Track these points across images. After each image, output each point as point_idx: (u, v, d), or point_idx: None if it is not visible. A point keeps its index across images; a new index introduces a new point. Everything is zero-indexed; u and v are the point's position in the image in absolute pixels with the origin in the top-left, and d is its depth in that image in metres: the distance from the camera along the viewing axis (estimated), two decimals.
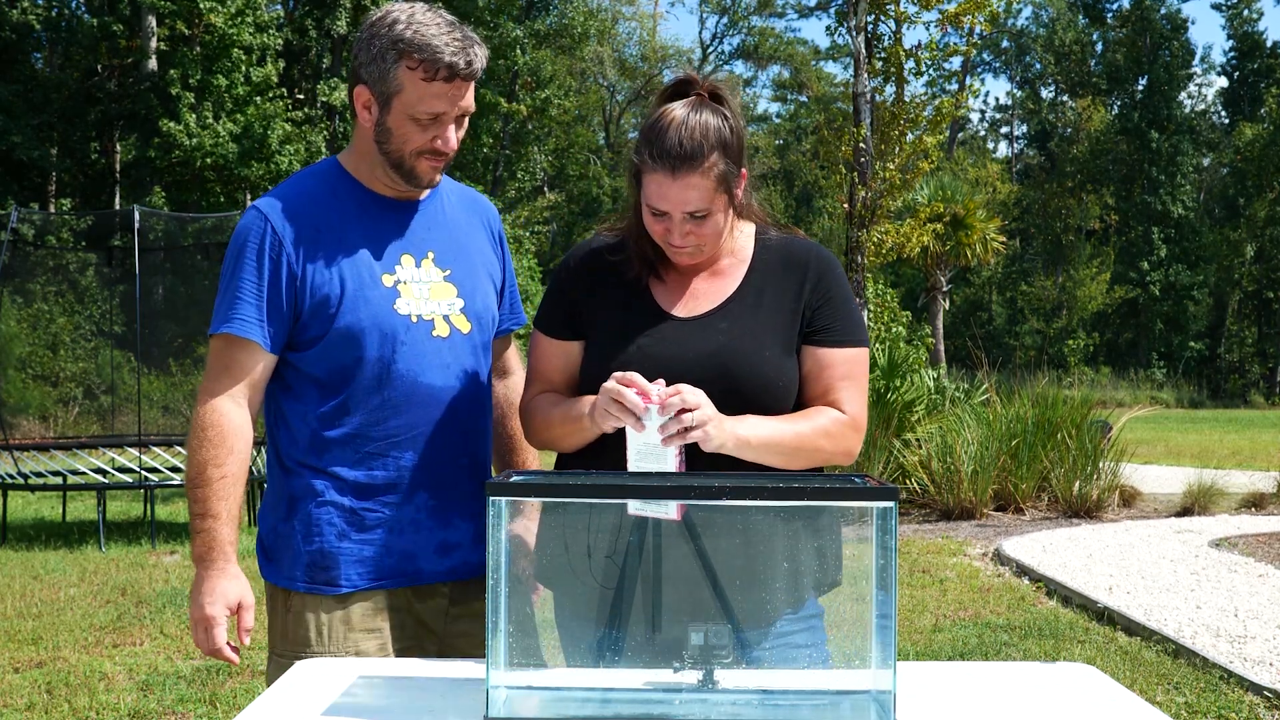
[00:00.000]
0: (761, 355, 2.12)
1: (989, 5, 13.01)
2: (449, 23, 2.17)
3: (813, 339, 2.17)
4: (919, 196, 19.38)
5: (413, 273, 2.27)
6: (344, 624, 2.24)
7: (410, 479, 2.26)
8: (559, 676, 1.80)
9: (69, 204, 25.91)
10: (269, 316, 2.20)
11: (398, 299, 2.24)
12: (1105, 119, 47.56)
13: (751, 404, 2.08)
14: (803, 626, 1.95)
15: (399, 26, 2.14)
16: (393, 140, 2.20)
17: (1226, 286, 45.27)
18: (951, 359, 28.03)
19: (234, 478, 2.20)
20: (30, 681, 5.38)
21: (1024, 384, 11.68)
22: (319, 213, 2.24)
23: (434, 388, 2.26)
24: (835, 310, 2.18)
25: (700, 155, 2.05)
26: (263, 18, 24.63)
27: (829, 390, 2.15)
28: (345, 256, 2.22)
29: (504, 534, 1.69)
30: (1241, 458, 16.70)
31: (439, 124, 2.18)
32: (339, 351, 2.22)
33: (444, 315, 2.28)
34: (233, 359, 2.21)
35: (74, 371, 21.56)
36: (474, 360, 2.33)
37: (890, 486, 1.67)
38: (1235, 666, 5.30)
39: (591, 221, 40.00)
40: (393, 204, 2.29)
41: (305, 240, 2.21)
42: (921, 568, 8.02)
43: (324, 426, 2.24)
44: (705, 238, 2.12)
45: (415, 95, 2.15)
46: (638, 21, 46.72)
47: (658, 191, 2.08)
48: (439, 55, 2.12)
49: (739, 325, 2.14)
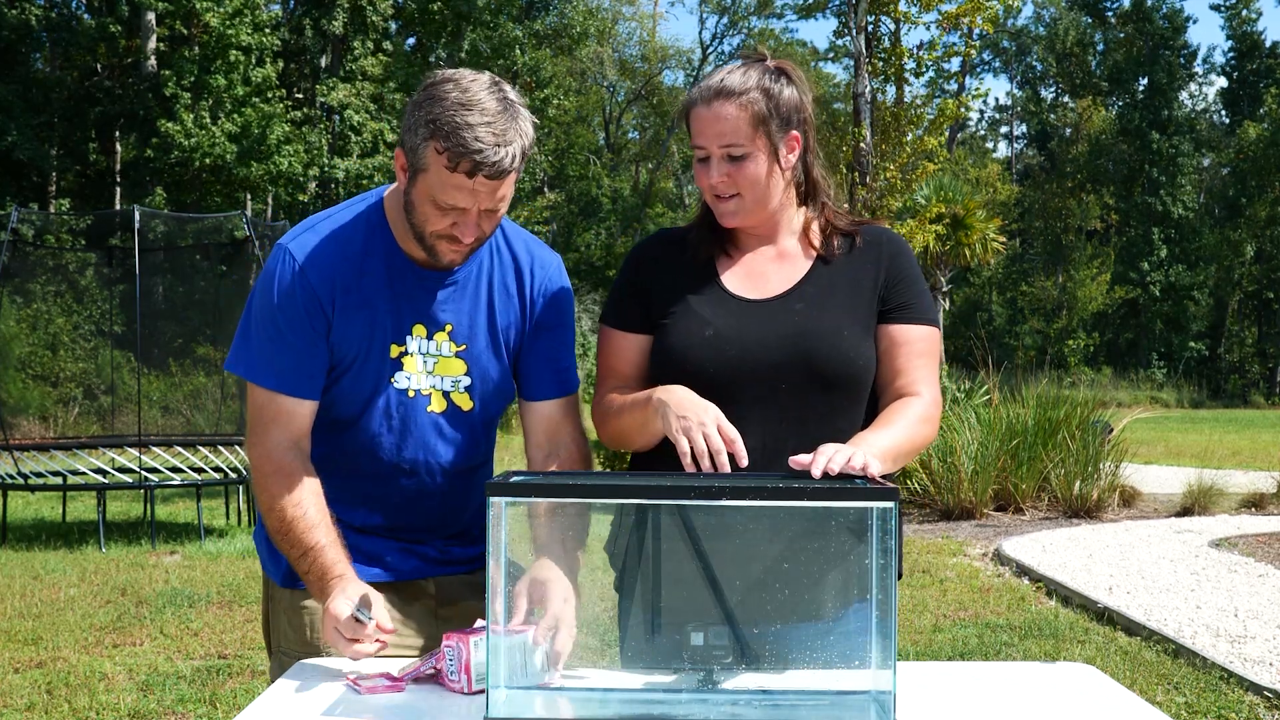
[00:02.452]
0: (840, 335, 2.10)
1: (989, 6, 13.01)
2: (498, 109, 1.99)
3: (889, 317, 2.15)
4: (919, 197, 19.37)
5: (422, 344, 2.19)
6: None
7: (380, 533, 2.26)
8: (559, 677, 1.79)
9: (69, 204, 25.91)
10: (312, 369, 2.16)
11: (399, 371, 2.18)
12: (1105, 119, 47.57)
13: (833, 385, 2.06)
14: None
15: (442, 103, 1.98)
16: (415, 215, 2.09)
17: (1227, 287, 45.29)
18: (952, 359, 28.03)
19: (311, 510, 2.12)
20: (30, 681, 5.37)
21: (1024, 384, 11.67)
22: (349, 271, 2.16)
23: (415, 462, 2.22)
24: (910, 288, 2.17)
25: (738, 90, 2.07)
26: (261, 18, 24.63)
27: (905, 369, 2.14)
28: (364, 322, 2.16)
29: (504, 534, 1.69)
30: (1242, 458, 16.70)
31: (462, 213, 2.04)
32: (337, 411, 2.20)
33: (444, 391, 2.21)
34: (280, 409, 2.16)
35: (74, 371, 21.56)
36: (466, 437, 2.25)
37: (891, 487, 1.67)
38: (1235, 666, 5.30)
39: (591, 221, 40.01)
40: (421, 272, 2.18)
41: (336, 299, 2.15)
42: (921, 568, 8.02)
43: (316, 453, 2.24)
44: (744, 184, 2.09)
45: (438, 180, 2.01)
46: (638, 21, 46.72)
47: (697, 127, 2.09)
48: (464, 148, 1.96)
49: (815, 307, 2.13)
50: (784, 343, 2.08)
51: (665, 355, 2.13)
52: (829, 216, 2.21)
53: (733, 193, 2.10)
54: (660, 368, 2.14)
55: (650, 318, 2.18)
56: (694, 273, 2.19)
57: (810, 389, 2.04)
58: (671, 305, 2.16)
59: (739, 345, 2.08)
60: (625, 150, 46.55)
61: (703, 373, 2.08)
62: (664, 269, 2.20)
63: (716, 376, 2.07)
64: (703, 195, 2.18)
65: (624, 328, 2.21)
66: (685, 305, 2.15)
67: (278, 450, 2.14)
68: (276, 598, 2.30)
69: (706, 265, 2.19)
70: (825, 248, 2.19)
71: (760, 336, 2.09)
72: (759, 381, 2.08)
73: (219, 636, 6.23)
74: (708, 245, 2.20)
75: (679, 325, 2.13)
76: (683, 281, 2.18)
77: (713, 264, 2.19)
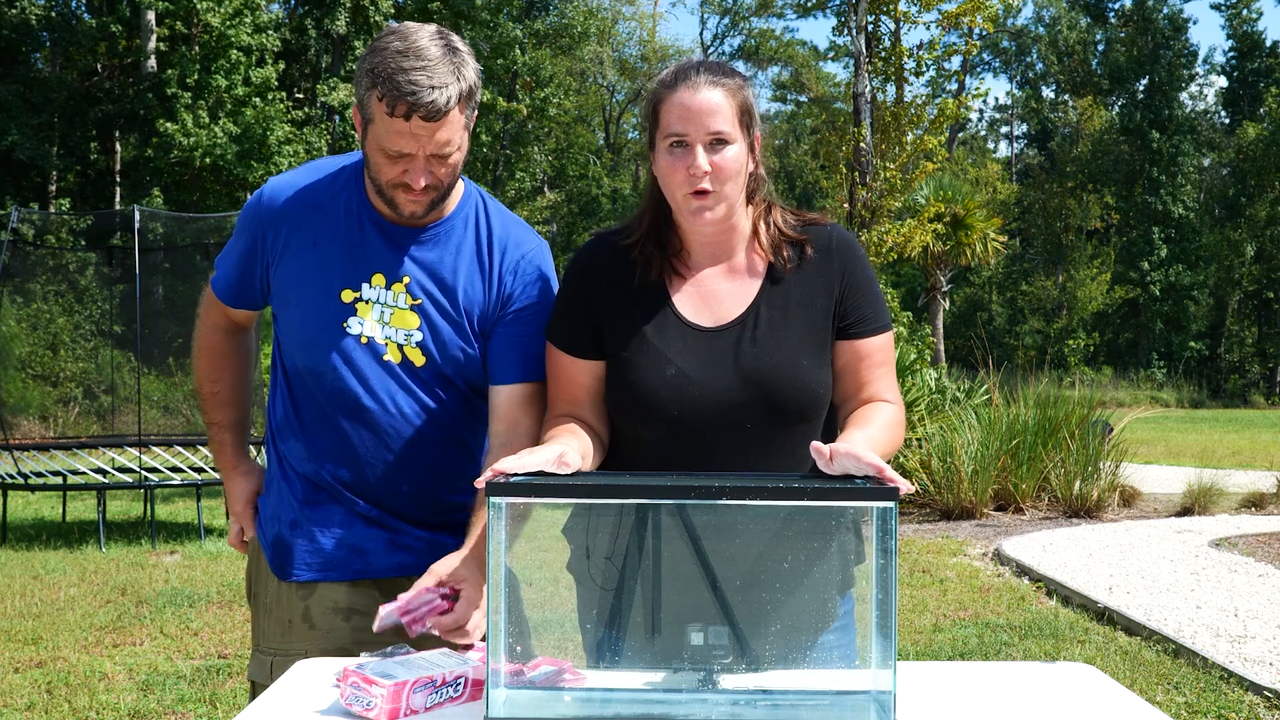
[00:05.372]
0: (799, 366, 2.07)
1: (989, 6, 13.02)
2: (439, 55, 2.03)
3: (848, 332, 2.12)
4: (919, 197, 19.38)
5: (380, 293, 2.21)
6: (304, 620, 2.25)
7: (349, 492, 2.26)
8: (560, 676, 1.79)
9: (69, 204, 25.92)
10: (244, 279, 2.32)
11: (351, 317, 2.20)
12: (1106, 119, 47.58)
13: (793, 415, 2.05)
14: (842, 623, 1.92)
15: (383, 53, 2.04)
16: (371, 167, 2.14)
17: (1227, 286, 45.29)
18: (952, 359, 28.05)
19: (225, 389, 2.47)
20: (30, 681, 5.38)
21: (1024, 384, 11.66)
22: (308, 209, 2.23)
23: (372, 411, 2.22)
24: (864, 297, 2.13)
25: (724, 77, 2.04)
26: (261, 18, 24.64)
27: (869, 380, 2.12)
28: (312, 262, 2.22)
29: (504, 534, 1.69)
30: (1242, 458, 16.71)
31: (409, 160, 2.08)
32: (291, 355, 2.28)
33: (399, 344, 2.22)
34: (214, 300, 2.41)
35: (74, 371, 21.57)
36: (424, 393, 2.25)
37: (891, 487, 1.67)
38: (1235, 666, 5.30)
39: (591, 221, 40.01)
40: (390, 226, 2.22)
41: (283, 231, 2.24)
42: (921, 568, 8.02)
43: (285, 412, 2.31)
44: (726, 174, 2.02)
45: (383, 128, 2.05)
46: (638, 21, 46.75)
47: (677, 113, 2.01)
48: (398, 90, 2.01)
49: (770, 337, 2.09)
50: (745, 382, 2.05)
51: (628, 394, 2.09)
52: (776, 219, 2.15)
53: (713, 186, 2.03)
54: (621, 404, 2.11)
55: (601, 343, 2.13)
56: (644, 294, 2.12)
57: (772, 422, 2.03)
58: (626, 335, 2.10)
59: (700, 385, 2.06)
60: (625, 150, 46.56)
61: (666, 413, 2.06)
62: (612, 289, 2.13)
63: (681, 418, 2.06)
64: (659, 193, 2.09)
65: (573, 352, 2.14)
66: (641, 336, 2.09)
67: (209, 330, 2.44)
68: (268, 587, 2.32)
69: (657, 286, 2.13)
70: (776, 259, 2.13)
71: (720, 375, 2.06)
72: (723, 419, 2.06)
73: (219, 636, 6.23)
74: (657, 263, 2.13)
75: (639, 362, 2.08)
76: (634, 306, 2.12)
77: (663, 284, 2.13)
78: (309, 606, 2.25)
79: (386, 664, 1.77)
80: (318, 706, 1.78)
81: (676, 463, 2.07)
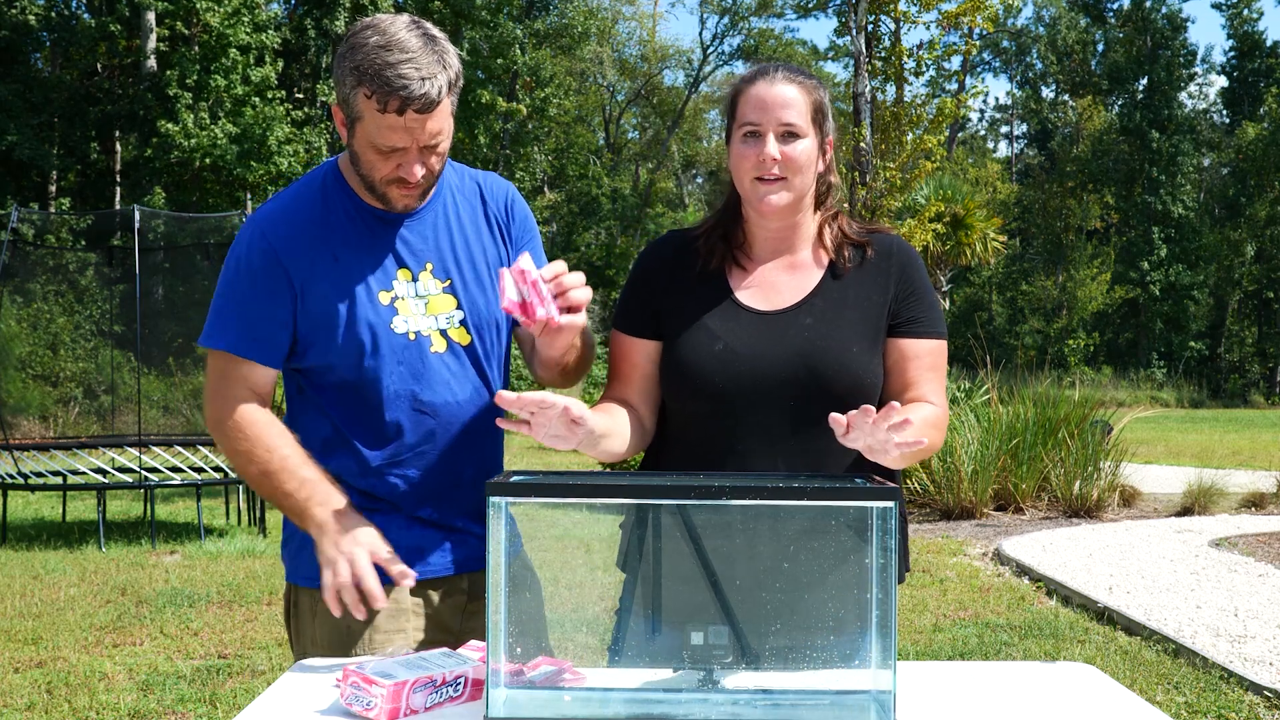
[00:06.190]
0: (849, 351, 2.10)
1: (989, 5, 13.02)
2: (420, 45, 2.02)
3: (899, 331, 2.15)
4: (919, 197, 19.37)
5: (409, 287, 2.20)
6: (368, 625, 2.18)
7: (413, 495, 2.22)
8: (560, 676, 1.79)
9: (69, 204, 25.93)
10: (270, 332, 2.16)
11: (395, 317, 2.18)
12: (1106, 119, 47.58)
13: (839, 402, 2.04)
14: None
15: (363, 50, 2.01)
16: (361, 165, 2.12)
17: (1226, 286, 45.30)
18: (952, 359, 28.02)
19: (291, 452, 2.13)
20: (30, 681, 5.38)
21: (1024, 384, 11.66)
22: (312, 229, 2.18)
23: (433, 405, 2.20)
24: (920, 302, 2.17)
25: (806, 76, 2.13)
26: (260, 17, 24.64)
27: (915, 382, 2.14)
28: (340, 276, 2.16)
29: (504, 534, 1.69)
30: (1242, 457, 16.71)
31: (402, 154, 2.07)
32: (341, 371, 2.18)
33: (441, 330, 2.21)
34: (235, 373, 2.17)
35: (74, 371, 21.58)
36: (475, 372, 2.25)
37: (891, 487, 1.67)
38: (1235, 666, 5.30)
39: (591, 221, 40.02)
40: (387, 217, 2.21)
41: (300, 258, 2.16)
42: (921, 568, 8.02)
43: (328, 446, 2.20)
44: (795, 165, 2.09)
45: (374, 125, 2.04)
46: (638, 21, 46.73)
47: (754, 103, 2.10)
48: (389, 86, 1.99)
49: (824, 322, 2.12)
50: (793, 358, 2.08)
51: (675, 368, 2.14)
52: (842, 224, 2.21)
53: (781, 174, 2.09)
54: (670, 380, 2.15)
55: (659, 324, 2.18)
56: (704, 281, 2.18)
57: (818, 404, 2.03)
58: (681, 315, 2.16)
59: (748, 360, 2.09)
60: (625, 150, 46.55)
61: (711, 386, 2.10)
62: (674, 276, 2.20)
63: (725, 390, 2.09)
64: (732, 188, 2.17)
65: (632, 332, 2.21)
66: (695, 317, 2.15)
67: (239, 405, 2.15)
68: (301, 601, 2.27)
69: (717, 274, 2.18)
70: (837, 258, 2.18)
71: (769, 351, 2.09)
72: (767, 396, 2.08)
73: (219, 636, 6.23)
74: (720, 253, 2.19)
75: (689, 338, 2.13)
76: (693, 290, 2.17)
77: (723, 273, 2.18)
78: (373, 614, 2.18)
79: (386, 664, 1.77)
80: (318, 706, 1.78)
81: (719, 439, 2.10)
